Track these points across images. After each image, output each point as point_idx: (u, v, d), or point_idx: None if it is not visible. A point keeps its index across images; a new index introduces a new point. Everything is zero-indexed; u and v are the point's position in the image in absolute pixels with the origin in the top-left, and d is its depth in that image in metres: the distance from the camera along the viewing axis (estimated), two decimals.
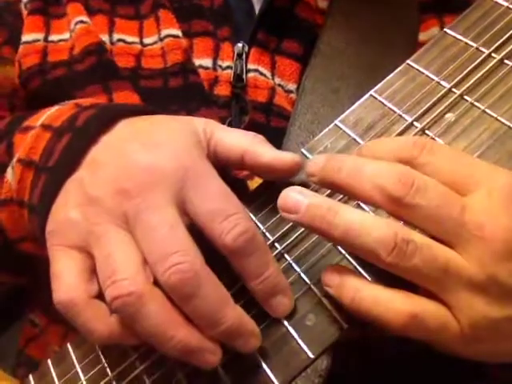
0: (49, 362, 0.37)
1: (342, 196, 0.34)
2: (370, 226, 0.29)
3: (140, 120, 0.36)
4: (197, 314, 0.30)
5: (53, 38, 0.49)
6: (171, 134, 0.34)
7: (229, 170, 0.37)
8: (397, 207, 0.29)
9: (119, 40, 0.48)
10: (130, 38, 0.48)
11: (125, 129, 0.35)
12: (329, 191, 0.35)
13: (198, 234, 0.31)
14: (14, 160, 0.39)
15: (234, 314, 0.30)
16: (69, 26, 0.49)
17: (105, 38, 0.48)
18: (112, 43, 0.48)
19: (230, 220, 0.30)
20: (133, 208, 0.31)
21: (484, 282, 0.28)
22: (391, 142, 0.33)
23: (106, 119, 0.36)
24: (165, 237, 0.30)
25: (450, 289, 0.29)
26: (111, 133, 0.35)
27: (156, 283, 0.30)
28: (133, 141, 0.34)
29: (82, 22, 0.48)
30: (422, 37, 0.48)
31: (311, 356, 0.31)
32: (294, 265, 0.34)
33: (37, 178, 0.37)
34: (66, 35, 0.49)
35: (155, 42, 0.48)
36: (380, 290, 0.30)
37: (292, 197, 0.31)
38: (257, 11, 0.48)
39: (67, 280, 0.32)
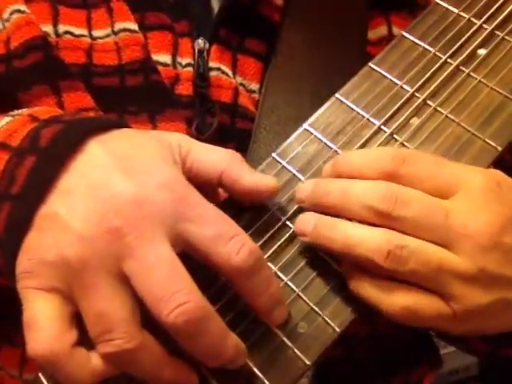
0: None
1: None
2: (365, 237, 0.32)
3: (112, 139, 0.34)
4: (199, 350, 0.30)
5: None
6: (152, 157, 0.32)
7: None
8: (387, 221, 0.32)
9: (66, 32, 0.44)
10: (77, 30, 0.44)
11: (98, 152, 0.32)
12: None
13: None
14: None
15: (233, 344, 0.30)
16: (1, 14, 0.44)
17: (48, 28, 0.44)
18: (58, 35, 0.44)
19: (235, 241, 0.30)
20: (126, 247, 0.29)
21: (475, 274, 0.32)
22: (368, 156, 0.35)
23: (74, 139, 0.32)
24: (166, 276, 0.29)
25: (445, 283, 0.32)
26: (82, 157, 0.32)
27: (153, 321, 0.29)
28: (111, 168, 0.31)
29: (19, 11, 0.44)
30: (370, 35, 0.48)
31: (308, 363, 0.32)
32: (279, 273, 0.35)
33: None
34: None
35: (107, 35, 0.45)
36: (381, 282, 0.32)
37: (301, 220, 0.35)
38: (213, 4, 0.47)
39: (45, 329, 0.29)
